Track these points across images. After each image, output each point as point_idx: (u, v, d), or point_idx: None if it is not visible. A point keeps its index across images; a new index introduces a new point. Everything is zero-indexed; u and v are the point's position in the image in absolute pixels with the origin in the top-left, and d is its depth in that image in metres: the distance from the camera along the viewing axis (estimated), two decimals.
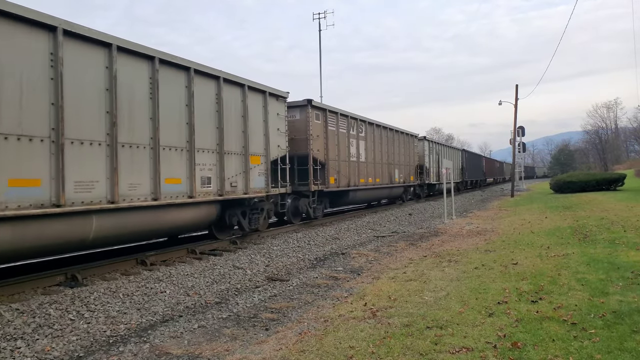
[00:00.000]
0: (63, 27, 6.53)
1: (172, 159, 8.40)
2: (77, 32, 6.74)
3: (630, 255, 7.63)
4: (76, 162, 6.70)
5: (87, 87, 6.97)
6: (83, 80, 6.91)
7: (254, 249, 9.96)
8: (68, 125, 6.57)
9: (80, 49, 6.87)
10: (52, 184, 6.33)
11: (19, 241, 6.02)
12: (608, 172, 37.92)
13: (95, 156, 7.03)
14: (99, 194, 7.02)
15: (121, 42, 7.44)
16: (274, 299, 6.36)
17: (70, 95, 6.64)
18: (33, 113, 6.17)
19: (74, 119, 6.70)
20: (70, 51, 6.69)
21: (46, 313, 5.45)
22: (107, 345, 4.77)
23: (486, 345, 4.08)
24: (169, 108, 8.39)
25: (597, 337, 4.14)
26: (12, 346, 4.56)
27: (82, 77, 6.90)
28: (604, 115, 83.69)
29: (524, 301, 5.39)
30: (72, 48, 6.72)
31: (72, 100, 6.68)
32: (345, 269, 8.18)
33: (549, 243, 9.50)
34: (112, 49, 7.28)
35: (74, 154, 6.68)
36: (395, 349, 4.10)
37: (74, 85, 6.74)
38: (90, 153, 6.95)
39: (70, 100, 6.63)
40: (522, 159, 49.89)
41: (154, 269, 7.90)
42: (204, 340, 4.81)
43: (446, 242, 10.56)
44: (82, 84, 6.88)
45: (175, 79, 8.60)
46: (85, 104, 6.92)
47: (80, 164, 6.76)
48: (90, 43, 7.01)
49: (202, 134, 9.16)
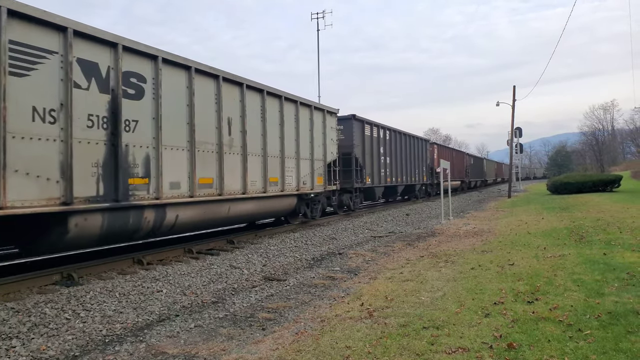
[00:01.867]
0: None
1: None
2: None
3: (626, 256, 7.66)
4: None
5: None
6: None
7: (250, 248, 9.95)
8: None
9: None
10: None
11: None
12: (604, 174, 38.01)
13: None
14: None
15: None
16: (270, 299, 6.35)
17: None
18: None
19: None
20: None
21: (42, 312, 5.43)
22: (103, 344, 4.76)
23: (482, 346, 4.09)
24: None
25: (593, 337, 4.15)
26: (8, 345, 4.54)
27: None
28: (601, 117, 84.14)
29: (520, 302, 5.40)
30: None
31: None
32: (342, 269, 8.18)
33: (545, 244, 9.52)
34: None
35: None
36: (392, 349, 4.11)
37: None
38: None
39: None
40: (519, 160, 49.98)
41: (150, 268, 7.88)
42: (200, 339, 4.80)
43: (443, 243, 10.58)
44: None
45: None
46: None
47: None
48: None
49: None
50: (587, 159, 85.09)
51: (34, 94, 6.08)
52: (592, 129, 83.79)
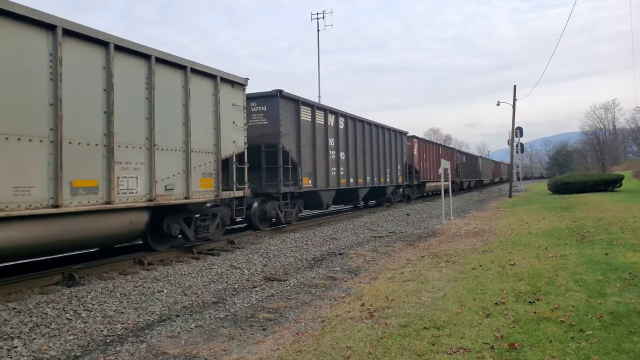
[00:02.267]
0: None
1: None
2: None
3: (627, 256, 7.64)
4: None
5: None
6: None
7: (251, 248, 9.95)
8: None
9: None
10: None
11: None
12: (606, 173, 37.96)
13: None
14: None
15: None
16: (271, 299, 6.35)
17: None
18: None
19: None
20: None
21: (43, 312, 5.43)
22: (104, 344, 4.76)
23: (483, 346, 4.08)
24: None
25: (595, 338, 4.14)
26: (9, 345, 4.54)
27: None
28: (602, 116, 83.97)
29: (521, 302, 5.39)
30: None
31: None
32: (342, 269, 8.18)
33: (546, 244, 9.51)
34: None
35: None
36: (393, 350, 4.10)
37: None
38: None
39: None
40: (520, 160, 49.92)
41: (151, 268, 7.89)
42: (201, 340, 4.80)
43: (444, 243, 10.57)
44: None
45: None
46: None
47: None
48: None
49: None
50: (588, 159, 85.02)
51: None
52: (593, 128, 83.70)
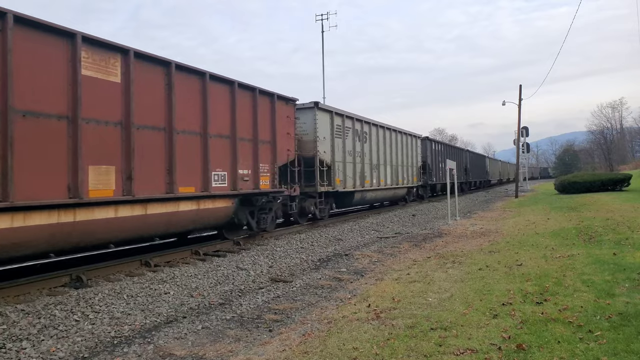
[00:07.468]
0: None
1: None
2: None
3: (636, 256, 7.57)
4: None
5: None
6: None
7: (257, 250, 9.97)
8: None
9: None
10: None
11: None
12: (613, 173, 37.65)
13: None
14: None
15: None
16: (277, 300, 6.36)
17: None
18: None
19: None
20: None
21: (51, 314, 5.47)
22: (111, 346, 4.79)
23: (491, 347, 4.06)
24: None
25: (603, 339, 4.11)
26: (18, 347, 4.58)
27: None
28: (609, 115, 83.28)
29: (528, 302, 5.36)
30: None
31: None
32: (348, 270, 8.17)
33: (553, 244, 9.44)
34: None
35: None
36: (399, 351, 4.09)
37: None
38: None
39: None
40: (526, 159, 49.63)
41: (158, 270, 7.92)
42: (207, 341, 4.82)
43: (450, 243, 10.53)
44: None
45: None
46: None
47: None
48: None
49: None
50: (595, 158, 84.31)
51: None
52: (600, 127, 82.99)
